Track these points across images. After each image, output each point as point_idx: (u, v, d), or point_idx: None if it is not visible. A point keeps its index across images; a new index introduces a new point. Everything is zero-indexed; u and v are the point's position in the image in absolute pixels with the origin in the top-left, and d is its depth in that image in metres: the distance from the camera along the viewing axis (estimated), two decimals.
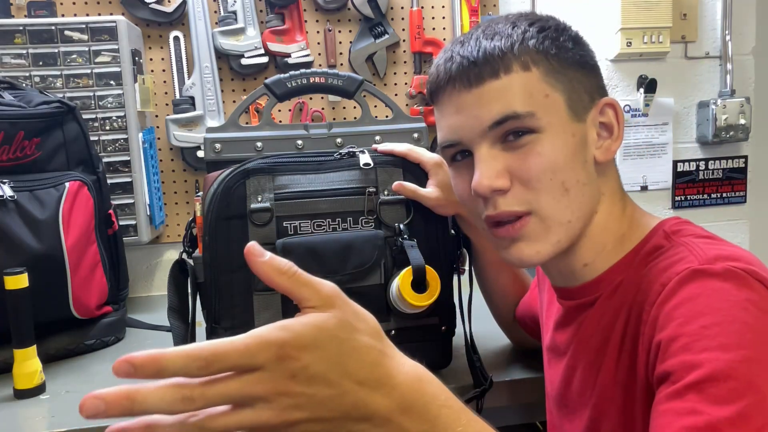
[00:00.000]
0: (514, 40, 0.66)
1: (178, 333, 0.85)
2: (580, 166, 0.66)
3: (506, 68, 0.65)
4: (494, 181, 0.65)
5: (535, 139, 0.65)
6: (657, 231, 0.68)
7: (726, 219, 1.69)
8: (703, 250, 0.60)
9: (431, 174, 0.89)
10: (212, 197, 0.85)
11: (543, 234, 0.66)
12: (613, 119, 0.69)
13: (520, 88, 0.65)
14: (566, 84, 0.66)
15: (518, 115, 0.64)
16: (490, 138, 0.66)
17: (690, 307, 0.55)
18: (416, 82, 1.61)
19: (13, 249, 1.02)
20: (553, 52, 0.66)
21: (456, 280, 0.93)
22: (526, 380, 0.93)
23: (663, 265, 0.62)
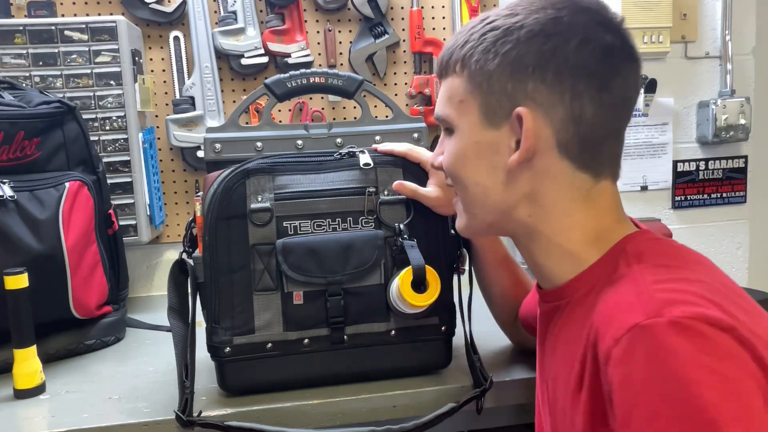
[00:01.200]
0: (459, 41, 0.71)
1: (178, 333, 0.85)
2: (484, 171, 0.70)
3: (448, 70, 0.72)
4: (434, 159, 0.80)
5: (450, 139, 0.73)
6: (618, 252, 0.66)
7: (726, 219, 1.69)
8: (652, 294, 0.57)
9: (431, 174, 0.90)
10: (212, 197, 0.85)
11: (462, 213, 0.76)
12: (520, 131, 0.66)
13: (446, 92, 0.72)
14: (484, 90, 0.68)
15: (440, 118, 0.74)
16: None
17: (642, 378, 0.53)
18: (416, 82, 1.61)
19: (13, 249, 1.02)
20: (478, 58, 0.67)
21: (456, 280, 0.93)
22: (526, 380, 0.93)
23: (612, 305, 0.60)
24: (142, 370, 1.03)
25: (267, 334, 0.87)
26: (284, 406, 0.86)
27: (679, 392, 0.51)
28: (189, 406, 0.82)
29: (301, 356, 0.88)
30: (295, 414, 0.86)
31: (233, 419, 0.82)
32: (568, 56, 0.65)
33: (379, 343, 0.90)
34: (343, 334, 0.88)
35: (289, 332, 0.87)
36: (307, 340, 0.88)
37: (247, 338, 0.86)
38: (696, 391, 0.51)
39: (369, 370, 0.90)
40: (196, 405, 0.84)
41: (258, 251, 0.86)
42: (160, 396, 0.92)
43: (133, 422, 0.85)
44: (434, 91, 1.61)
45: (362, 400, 0.88)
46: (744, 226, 1.70)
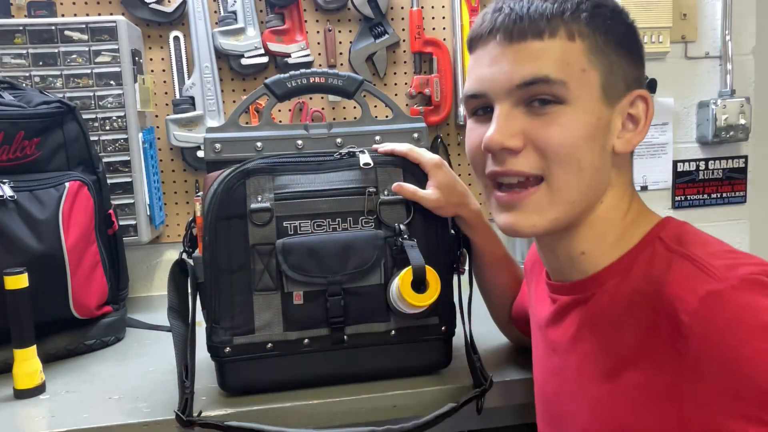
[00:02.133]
0: (567, 7, 0.65)
1: (178, 333, 0.85)
2: (598, 151, 0.66)
3: (552, 32, 0.64)
4: (507, 139, 0.65)
5: (560, 111, 0.64)
6: (653, 239, 0.67)
7: (726, 219, 1.69)
8: (710, 263, 0.59)
9: (431, 175, 0.89)
10: (212, 197, 0.85)
11: (545, 207, 0.66)
12: (642, 113, 0.69)
13: (559, 55, 0.64)
14: (606, 65, 0.66)
15: (549, 80, 0.64)
16: (516, 97, 0.66)
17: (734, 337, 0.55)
18: (416, 82, 1.61)
19: (13, 249, 1.02)
20: (602, 30, 0.66)
21: (456, 280, 0.93)
22: (526, 380, 0.92)
23: (674, 282, 0.61)
24: (142, 370, 1.03)
25: (267, 334, 0.87)
26: (284, 406, 0.86)
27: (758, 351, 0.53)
28: (189, 406, 0.82)
29: (301, 356, 0.88)
30: (295, 414, 0.86)
31: (233, 419, 0.82)
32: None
33: (379, 343, 0.90)
34: (343, 334, 0.88)
35: (289, 332, 0.87)
36: (307, 340, 0.88)
37: (247, 338, 0.86)
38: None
39: (369, 370, 0.90)
40: (196, 405, 0.84)
41: (258, 251, 0.86)
42: (160, 396, 0.92)
43: (133, 422, 0.85)
44: (434, 91, 1.61)
45: (362, 400, 0.88)
46: (744, 226, 1.70)
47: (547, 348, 0.78)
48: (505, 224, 0.69)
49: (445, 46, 1.62)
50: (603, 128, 0.66)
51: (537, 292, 0.84)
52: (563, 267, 0.73)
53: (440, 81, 1.61)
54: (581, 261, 0.71)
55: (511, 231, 0.69)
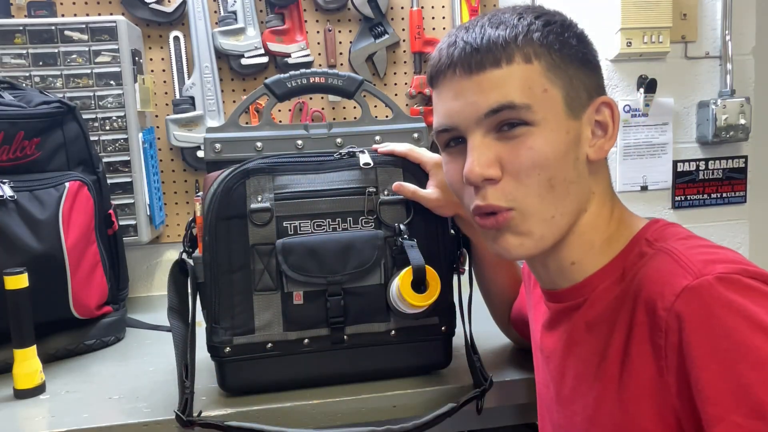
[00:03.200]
0: (519, 31, 0.66)
1: (178, 333, 0.85)
2: (571, 164, 0.67)
3: (508, 58, 0.65)
4: (485, 170, 0.66)
5: (528, 132, 0.65)
6: (640, 239, 0.68)
7: (726, 219, 1.69)
8: (689, 259, 0.60)
9: (431, 175, 0.89)
10: (212, 197, 0.85)
11: (525, 228, 0.67)
12: (608, 118, 0.69)
13: (519, 80, 0.65)
14: (566, 80, 0.66)
15: (515, 106, 0.64)
16: (485, 126, 0.66)
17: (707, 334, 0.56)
18: (416, 82, 1.61)
19: (13, 249, 1.02)
20: (555, 48, 0.66)
21: (456, 280, 0.93)
22: (526, 380, 0.93)
23: (652, 277, 0.62)
24: (142, 370, 1.03)
25: (267, 334, 0.87)
26: (284, 406, 0.86)
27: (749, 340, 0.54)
28: (189, 406, 0.82)
29: (301, 356, 0.88)
30: (295, 414, 0.86)
31: (233, 419, 0.82)
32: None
33: (379, 343, 0.90)
34: (343, 334, 0.88)
35: (289, 332, 0.87)
36: (307, 340, 0.88)
37: (247, 338, 0.86)
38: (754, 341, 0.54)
39: (369, 370, 0.90)
40: (196, 405, 0.84)
41: (258, 251, 0.86)
42: (160, 396, 0.92)
43: (133, 422, 0.85)
44: None
45: (362, 400, 0.88)
46: (744, 226, 1.70)
47: (542, 354, 0.79)
48: (497, 249, 0.70)
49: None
50: (573, 141, 0.67)
51: (534, 296, 0.84)
52: (554, 277, 0.74)
53: None
54: (572, 271, 0.71)
55: (506, 253, 0.69)
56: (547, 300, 0.77)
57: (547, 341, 0.77)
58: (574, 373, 0.71)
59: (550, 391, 0.77)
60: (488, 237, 0.70)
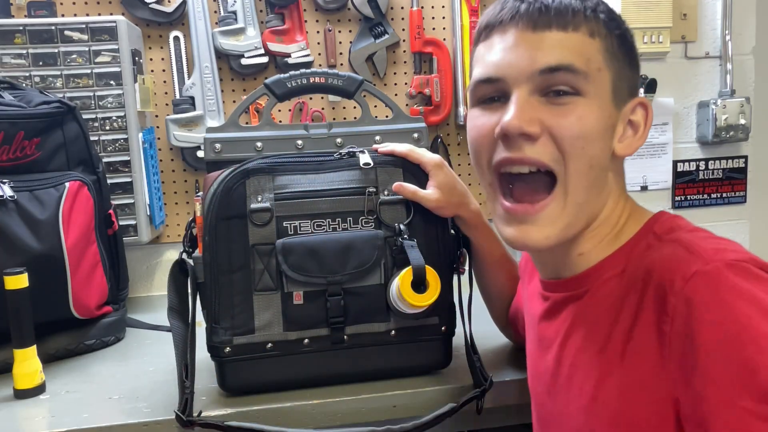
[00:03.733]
0: (588, 5, 0.67)
1: (178, 333, 0.85)
2: (606, 150, 0.67)
3: (576, 26, 0.65)
4: (527, 124, 0.64)
5: (577, 102, 0.64)
6: (647, 233, 0.68)
7: (726, 219, 1.69)
8: (700, 246, 0.60)
9: (431, 175, 0.89)
10: (212, 197, 0.85)
11: (557, 217, 0.66)
12: (641, 119, 0.70)
13: (581, 49, 0.65)
14: (616, 68, 0.67)
15: (574, 70, 0.64)
16: (534, 84, 0.65)
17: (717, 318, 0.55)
18: (416, 82, 1.61)
19: (13, 249, 1.02)
20: (616, 34, 0.67)
21: (456, 280, 0.93)
22: (526, 380, 0.92)
23: (662, 265, 0.62)
24: (142, 370, 1.03)
25: (267, 334, 0.87)
26: (284, 406, 0.86)
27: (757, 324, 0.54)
28: (189, 406, 0.82)
29: (301, 356, 0.88)
30: (295, 414, 0.86)
31: (233, 419, 0.82)
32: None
33: (379, 343, 0.90)
34: (343, 334, 0.88)
35: (289, 332, 0.87)
36: (307, 340, 0.88)
37: (247, 338, 0.86)
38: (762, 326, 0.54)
39: (369, 370, 0.90)
40: (196, 405, 0.84)
41: (258, 251, 0.86)
42: (160, 396, 0.92)
43: (133, 422, 0.85)
44: (434, 91, 1.61)
45: (362, 400, 0.88)
46: (744, 226, 1.70)
47: (540, 345, 0.78)
48: (514, 237, 0.68)
49: (445, 46, 1.62)
50: (610, 128, 0.67)
51: (530, 289, 0.84)
52: (559, 267, 0.73)
53: (440, 81, 1.61)
54: (578, 261, 0.71)
55: (520, 244, 0.68)
56: (546, 290, 0.77)
57: (546, 331, 0.77)
58: (571, 362, 0.71)
59: (543, 382, 0.77)
60: (506, 221, 0.69)
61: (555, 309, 0.75)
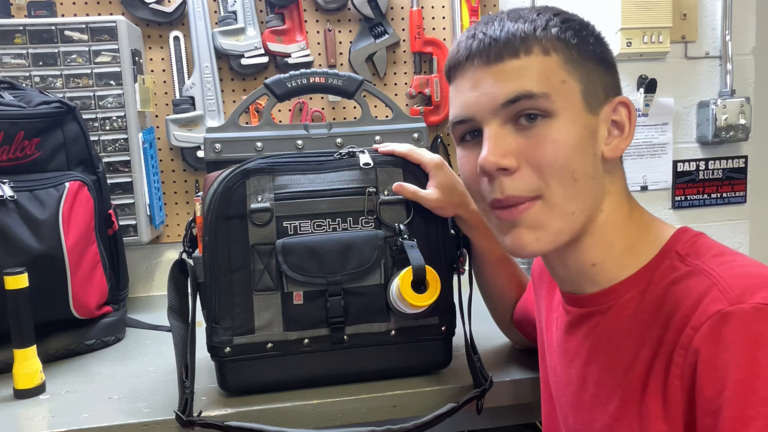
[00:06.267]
0: (538, 24, 0.66)
1: (178, 333, 0.85)
2: (590, 159, 0.66)
3: (527, 50, 0.65)
4: (501, 159, 0.65)
5: (549, 125, 0.65)
6: (670, 251, 0.67)
7: (726, 219, 1.69)
8: (728, 283, 0.59)
9: (432, 175, 0.89)
10: (212, 197, 0.85)
11: (545, 221, 0.66)
12: (625, 118, 0.69)
13: (537, 70, 0.65)
14: (583, 75, 0.67)
15: (533, 95, 0.64)
16: (502, 116, 0.66)
17: (729, 359, 0.55)
18: (416, 82, 1.61)
19: (13, 249, 1.02)
20: (573, 42, 0.67)
21: (456, 280, 0.93)
22: (526, 380, 0.93)
23: (689, 297, 0.61)
24: (142, 370, 1.03)
25: (267, 334, 0.87)
26: (284, 406, 0.86)
27: (756, 377, 0.53)
28: (189, 406, 0.82)
29: (301, 356, 0.88)
30: (295, 414, 0.86)
31: (233, 419, 0.82)
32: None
33: (379, 343, 0.90)
34: (343, 334, 0.88)
35: (289, 332, 0.87)
36: (307, 340, 0.88)
37: (247, 338, 0.86)
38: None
39: (369, 370, 0.90)
40: (196, 405, 0.84)
41: (258, 251, 0.86)
42: (160, 396, 0.92)
43: (133, 422, 0.85)
44: (434, 91, 1.61)
45: (362, 400, 0.88)
46: (744, 226, 1.70)
47: (562, 358, 0.78)
48: (511, 243, 0.69)
49: (445, 46, 1.62)
50: (590, 136, 0.67)
51: (549, 299, 0.83)
52: (574, 279, 0.73)
53: (440, 81, 1.61)
54: (593, 273, 0.70)
55: (518, 249, 0.68)
56: (568, 303, 0.75)
57: (568, 344, 0.76)
58: (596, 380, 0.70)
59: (567, 394, 0.76)
60: (501, 231, 0.70)
61: (576, 324, 0.74)
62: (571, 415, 0.76)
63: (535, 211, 0.66)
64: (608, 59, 0.70)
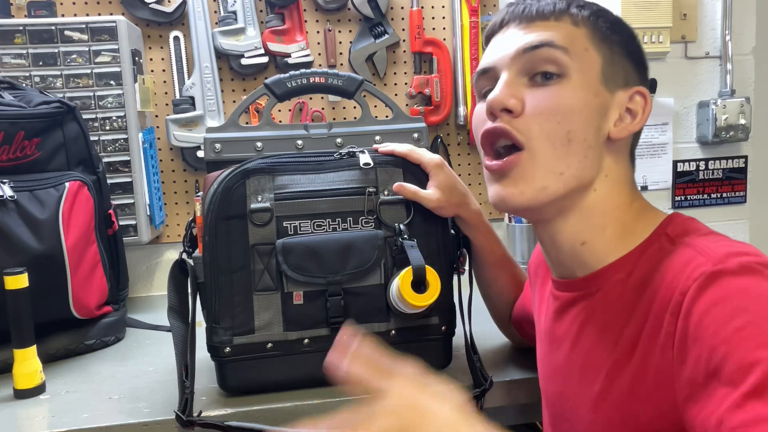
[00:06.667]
0: (572, 2, 0.70)
1: (178, 333, 0.85)
2: (592, 128, 0.68)
3: (558, 16, 0.69)
4: (507, 99, 0.68)
5: (561, 84, 0.67)
6: (660, 234, 0.68)
7: (726, 219, 1.69)
8: (711, 249, 0.60)
9: (432, 175, 0.89)
10: (212, 197, 0.85)
11: (529, 175, 0.68)
12: (639, 107, 0.70)
13: (564, 31, 0.68)
14: (607, 55, 0.69)
15: (554, 44, 0.67)
16: (520, 64, 0.69)
17: (718, 313, 0.55)
18: (416, 82, 1.61)
19: (13, 249, 1.02)
20: (604, 27, 0.70)
21: (456, 280, 0.93)
22: (526, 380, 0.93)
23: (674, 267, 0.62)
24: (142, 370, 1.03)
25: (267, 334, 0.87)
26: (284, 406, 0.86)
27: (756, 316, 0.53)
28: (189, 406, 0.82)
29: (301, 356, 0.88)
30: (295, 414, 0.86)
31: (233, 419, 0.82)
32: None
33: (379, 343, 0.89)
34: None
35: (289, 332, 0.87)
36: (307, 340, 0.88)
37: (247, 338, 0.86)
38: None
39: None
40: (196, 405, 0.84)
41: (258, 251, 0.86)
42: (160, 396, 0.92)
43: (133, 422, 0.85)
44: (434, 91, 1.61)
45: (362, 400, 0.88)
46: (744, 226, 1.70)
47: (550, 345, 0.78)
48: (494, 195, 0.71)
49: (445, 46, 1.62)
50: (600, 108, 0.68)
51: (541, 293, 0.84)
52: (566, 260, 0.73)
53: (440, 81, 1.61)
54: (583, 252, 0.71)
55: (500, 201, 0.70)
56: (557, 289, 0.76)
57: (556, 330, 0.77)
58: (582, 362, 0.71)
59: (554, 382, 0.77)
60: (489, 182, 0.72)
61: (565, 307, 0.75)
62: (558, 402, 0.76)
63: (522, 164, 0.68)
64: (637, 55, 0.72)
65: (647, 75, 0.73)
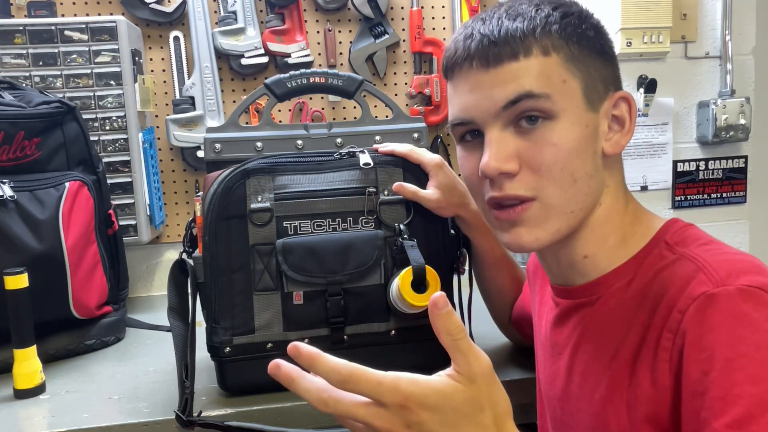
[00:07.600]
0: (537, 23, 0.65)
1: (178, 333, 0.85)
2: (590, 158, 0.66)
3: (526, 51, 0.64)
4: (503, 164, 0.65)
5: (550, 127, 0.64)
6: (659, 241, 0.67)
7: (726, 219, 1.69)
8: (713, 267, 0.60)
9: (432, 175, 0.89)
10: (212, 197, 0.85)
11: (543, 221, 0.66)
12: (625, 113, 0.69)
13: (537, 71, 0.64)
14: (584, 72, 0.66)
15: (533, 95, 0.64)
16: (503, 119, 0.66)
17: (713, 340, 0.55)
18: (416, 82, 1.61)
19: (13, 249, 1.02)
20: (574, 40, 0.66)
21: (456, 280, 0.93)
22: (524, 380, 0.92)
23: (675, 282, 0.61)
24: (142, 370, 1.03)
25: (267, 334, 0.87)
26: (284, 406, 0.86)
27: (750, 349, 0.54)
28: (189, 406, 0.82)
29: None
30: (295, 414, 0.86)
31: (233, 419, 0.82)
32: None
33: (380, 343, 0.89)
34: (343, 334, 0.88)
35: (289, 332, 0.87)
36: (307, 340, 0.87)
37: (247, 338, 0.86)
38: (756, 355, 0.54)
39: None
40: (196, 405, 0.84)
41: (258, 251, 0.86)
42: (160, 396, 0.92)
43: (133, 422, 0.85)
44: (434, 91, 1.61)
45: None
46: (744, 226, 1.70)
47: (551, 351, 0.78)
48: (509, 241, 0.69)
49: (444, 46, 1.62)
50: (592, 134, 0.67)
51: (541, 294, 0.84)
52: (565, 272, 0.73)
53: (440, 81, 1.61)
54: (584, 265, 0.71)
55: (516, 246, 0.69)
56: (557, 296, 0.76)
57: (556, 337, 0.76)
58: (583, 369, 0.71)
59: (555, 387, 0.77)
60: (500, 229, 0.70)
61: (565, 315, 0.75)
62: (558, 407, 0.76)
63: (533, 211, 0.66)
64: (608, 51, 0.70)
65: (617, 63, 0.71)
